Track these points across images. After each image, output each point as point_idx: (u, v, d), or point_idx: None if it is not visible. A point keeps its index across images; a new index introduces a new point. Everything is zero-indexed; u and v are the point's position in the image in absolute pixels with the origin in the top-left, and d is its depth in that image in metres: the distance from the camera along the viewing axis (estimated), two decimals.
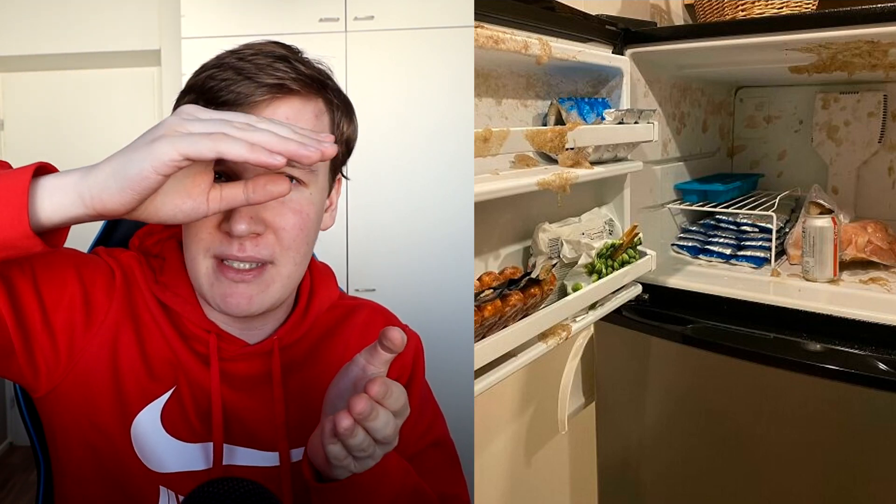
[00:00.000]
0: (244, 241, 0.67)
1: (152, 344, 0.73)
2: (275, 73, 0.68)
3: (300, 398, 0.77)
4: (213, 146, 0.53)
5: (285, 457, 0.74)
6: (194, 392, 0.73)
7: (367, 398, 0.58)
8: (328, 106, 0.73)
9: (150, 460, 0.72)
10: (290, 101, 0.69)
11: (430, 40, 2.32)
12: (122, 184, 0.54)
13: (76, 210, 0.55)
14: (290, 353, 0.78)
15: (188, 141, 0.53)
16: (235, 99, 0.67)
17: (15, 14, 2.76)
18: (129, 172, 0.54)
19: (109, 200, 0.54)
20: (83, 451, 0.73)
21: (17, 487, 2.80)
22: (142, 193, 0.54)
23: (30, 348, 0.68)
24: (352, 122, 0.77)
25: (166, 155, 0.53)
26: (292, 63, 0.70)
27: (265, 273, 0.70)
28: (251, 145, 0.54)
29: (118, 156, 0.55)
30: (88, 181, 0.55)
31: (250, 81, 0.67)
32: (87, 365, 0.71)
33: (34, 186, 0.55)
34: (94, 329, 0.71)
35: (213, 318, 0.75)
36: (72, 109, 3.00)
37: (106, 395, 0.71)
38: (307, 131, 0.59)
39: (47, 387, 0.71)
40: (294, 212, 0.69)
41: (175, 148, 0.53)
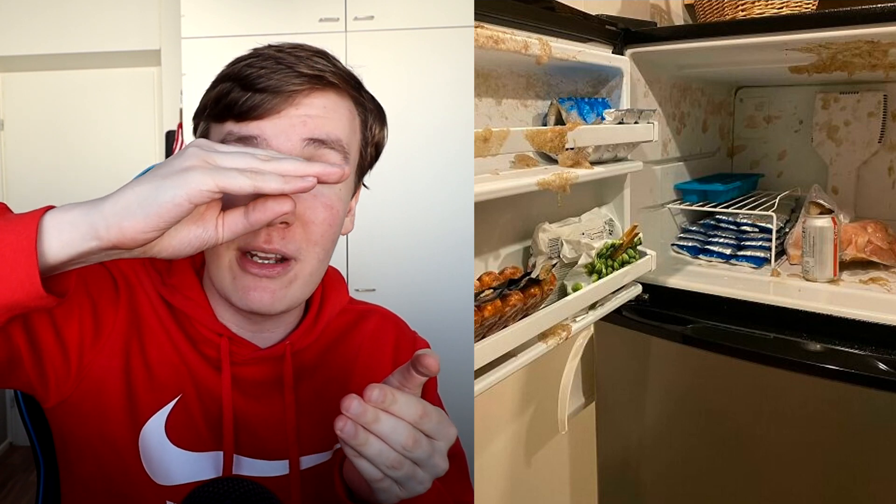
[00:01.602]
0: (272, 233, 0.66)
1: (159, 350, 0.72)
2: (314, 66, 0.68)
3: (309, 404, 0.76)
4: (251, 182, 0.53)
5: (295, 465, 0.74)
6: (203, 398, 0.72)
7: (360, 398, 0.56)
8: (361, 106, 0.73)
9: (156, 473, 0.71)
10: (327, 93, 0.69)
11: (430, 40, 2.32)
12: (149, 210, 0.52)
13: (87, 244, 0.52)
14: (300, 359, 0.77)
15: (225, 175, 0.53)
16: (275, 86, 0.66)
17: (15, 14, 2.77)
18: (160, 199, 0.52)
19: (131, 228, 0.52)
20: (91, 464, 0.72)
21: (18, 487, 2.80)
22: (169, 222, 0.53)
23: (40, 361, 0.67)
24: (383, 127, 0.77)
25: (204, 185, 0.52)
26: (331, 59, 0.70)
27: (289, 270, 0.69)
28: (284, 178, 0.54)
29: (142, 183, 0.53)
30: (104, 211, 0.52)
31: (290, 70, 0.67)
32: (95, 377, 0.70)
33: (39, 224, 0.52)
34: (103, 341, 0.70)
35: (224, 321, 0.74)
36: (72, 109, 3.00)
37: (115, 407, 0.70)
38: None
39: (56, 398, 0.70)
40: (325, 206, 0.69)
41: (214, 180, 0.52)
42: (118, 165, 2.89)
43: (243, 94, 0.67)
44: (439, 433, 0.59)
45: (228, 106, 0.67)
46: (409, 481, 0.58)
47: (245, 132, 0.67)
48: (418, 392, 0.61)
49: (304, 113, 0.67)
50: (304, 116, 0.67)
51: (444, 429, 0.59)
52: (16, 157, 3.02)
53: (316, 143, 0.68)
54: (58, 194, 3.05)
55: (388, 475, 0.57)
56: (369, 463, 0.57)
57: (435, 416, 0.59)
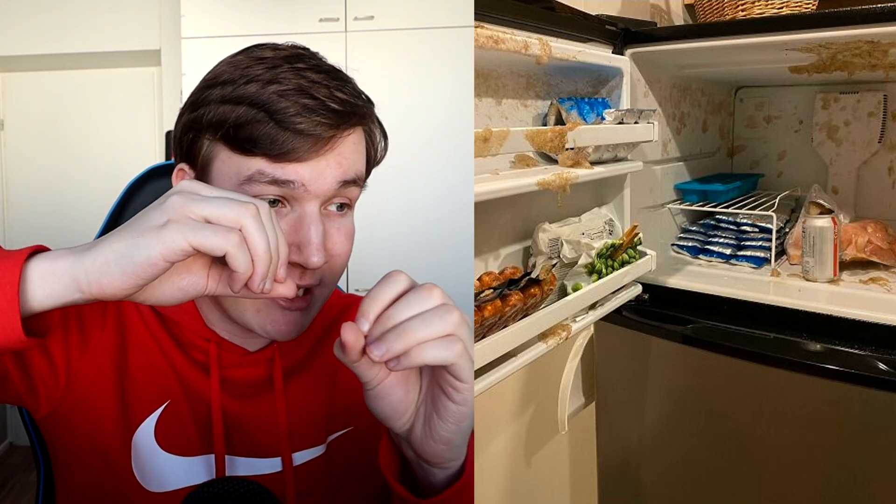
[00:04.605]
0: (305, 273, 0.66)
1: (147, 356, 0.72)
2: (344, 99, 0.65)
3: (299, 400, 0.76)
4: (224, 245, 0.51)
5: (288, 462, 0.74)
6: (192, 402, 0.72)
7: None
8: (372, 131, 0.72)
9: (148, 481, 0.70)
10: (355, 129, 0.67)
11: (430, 40, 2.32)
12: (125, 269, 0.51)
13: (70, 296, 0.52)
14: (288, 358, 0.77)
15: (200, 233, 0.51)
16: (313, 130, 0.63)
17: (15, 14, 2.77)
18: (135, 258, 0.51)
19: (110, 286, 0.52)
20: (82, 473, 0.72)
21: (18, 487, 2.80)
22: (146, 280, 0.52)
23: (28, 375, 0.67)
24: (386, 142, 0.75)
25: (176, 244, 0.51)
26: (352, 85, 0.68)
27: (313, 296, 0.69)
28: (249, 264, 0.53)
29: (120, 238, 0.52)
30: (85, 265, 0.52)
31: (323, 107, 0.63)
32: (85, 386, 0.70)
33: (24, 271, 0.51)
34: (91, 350, 0.70)
35: (213, 326, 0.74)
36: (72, 109, 3.00)
37: (105, 415, 0.70)
38: (286, 247, 0.57)
39: (47, 409, 0.70)
40: (347, 238, 0.69)
41: (186, 239, 0.51)
42: (118, 166, 2.90)
43: (279, 132, 0.62)
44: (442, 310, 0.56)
45: (258, 141, 0.63)
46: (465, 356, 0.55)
47: (282, 175, 0.63)
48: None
49: (339, 153, 0.65)
50: (339, 157, 0.65)
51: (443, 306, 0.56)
52: (16, 157, 3.02)
53: (346, 183, 0.67)
54: (58, 194, 3.06)
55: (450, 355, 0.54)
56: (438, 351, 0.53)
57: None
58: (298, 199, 0.65)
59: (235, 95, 0.64)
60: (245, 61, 0.67)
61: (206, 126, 0.66)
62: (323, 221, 0.66)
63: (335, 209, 0.68)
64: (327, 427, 0.78)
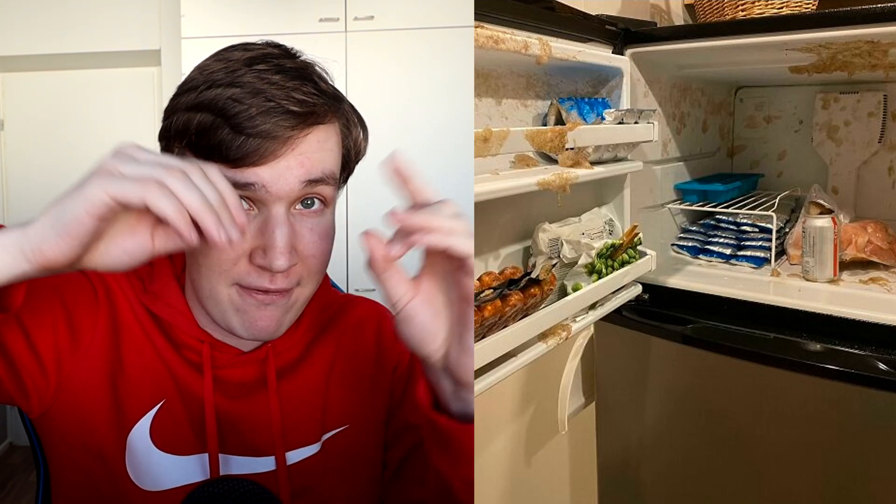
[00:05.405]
0: (276, 276, 0.66)
1: (141, 356, 0.72)
2: (303, 99, 0.64)
3: (293, 399, 0.76)
4: (142, 194, 0.51)
5: (282, 461, 0.74)
6: (186, 402, 0.72)
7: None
8: (346, 125, 0.71)
9: (143, 480, 0.71)
10: (319, 126, 0.67)
11: (430, 40, 2.32)
12: (59, 230, 0.51)
13: (21, 267, 0.52)
14: (282, 358, 0.77)
15: (118, 184, 0.51)
16: (270, 131, 0.63)
17: (15, 14, 2.76)
18: (63, 218, 0.51)
19: (50, 251, 0.52)
20: (77, 473, 0.72)
21: (18, 487, 2.80)
22: (80, 239, 0.52)
23: (17, 374, 0.67)
24: (365, 134, 0.75)
25: (95, 196, 0.51)
26: (314, 82, 0.67)
27: (290, 295, 0.68)
28: (179, 208, 0.52)
29: (56, 203, 0.53)
30: (28, 234, 0.52)
31: (281, 108, 0.63)
32: (77, 387, 0.70)
33: None
34: (82, 351, 0.70)
35: (206, 327, 0.74)
36: (72, 109, 3.00)
37: (100, 415, 0.70)
38: (235, 197, 0.57)
39: (39, 409, 0.70)
40: (322, 238, 0.68)
41: (104, 189, 0.51)
42: None
43: (234, 137, 0.62)
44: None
45: (216, 147, 0.63)
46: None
47: (241, 179, 0.63)
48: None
49: (301, 152, 0.65)
50: (301, 157, 0.65)
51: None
52: (16, 157, 3.01)
53: (312, 182, 0.66)
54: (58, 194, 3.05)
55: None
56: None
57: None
58: (263, 201, 0.65)
59: (197, 102, 0.65)
60: (212, 66, 0.67)
61: (175, 134, 0.67)
62: (293, 223, 0.66)
63: (305, 208, 0.67)
64: (322, 426, 0.78)
